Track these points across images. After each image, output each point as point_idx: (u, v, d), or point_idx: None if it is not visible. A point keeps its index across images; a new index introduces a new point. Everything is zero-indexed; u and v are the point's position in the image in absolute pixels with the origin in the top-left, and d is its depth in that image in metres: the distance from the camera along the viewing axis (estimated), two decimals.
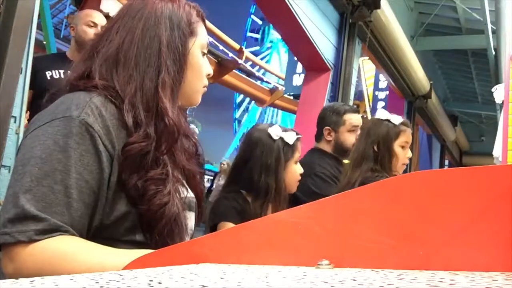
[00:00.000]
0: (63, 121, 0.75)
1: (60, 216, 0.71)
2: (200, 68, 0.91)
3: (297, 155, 1.68)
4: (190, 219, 0.92)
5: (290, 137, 1.65)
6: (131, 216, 0.78)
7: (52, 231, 0.70)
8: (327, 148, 2.20)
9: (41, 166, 0.72)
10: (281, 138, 1.64)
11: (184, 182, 0.90)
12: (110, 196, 0.77)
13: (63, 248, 0.70)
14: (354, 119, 2.21)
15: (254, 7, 22.64)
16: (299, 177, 1.70)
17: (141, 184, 0.78)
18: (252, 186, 1.60)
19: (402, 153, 1.89)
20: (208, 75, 0.94)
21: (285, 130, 1.68)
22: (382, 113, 1.95)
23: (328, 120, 2.22)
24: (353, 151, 1.97)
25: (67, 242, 0.71)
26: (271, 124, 1.70)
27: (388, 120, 1.89)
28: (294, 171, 1.68)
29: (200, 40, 0.91)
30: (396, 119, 1.91)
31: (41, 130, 0.75)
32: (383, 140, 1.85)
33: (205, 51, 0.93)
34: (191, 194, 0.92)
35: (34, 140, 0.75)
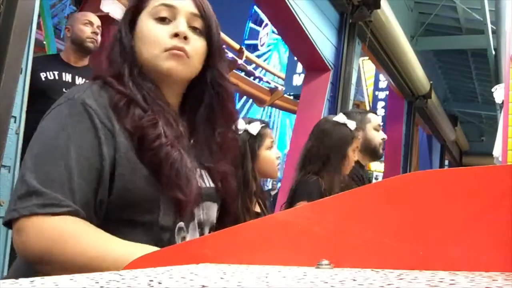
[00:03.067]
0: (65, 104, 0.81)
1: (61, 190, 0.74)
2: (149, 35, 0.87)
3: (268, 141, 1.69)
4: (212, 209, 0.94)
5: (253, 128, 1.66)
6: (134, 194, 0.80)
7: (53, 205, 0.73)
8: None
9: (45, 146, 0.77)
10: (246, 131, 1.66)
11: (207, 174, 0.93)
12: (111, 172, 0.79)
13: (70, 228, 0.73)
14: (377, 118, 2.31)
15: (248, 31, 23.14)
16: (277, 161, 1.71)
17: (138, 132, 0.81)
18: None
19: (353, 157, 1.96)
20: (175, 34, 0.86)
21: (249, 122, 1.69)
22: (339, 117, 2.00)
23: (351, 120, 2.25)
24: (302, 151, 2.02)
25: (74, 223, 0.74)
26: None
27: (345, 125, 1.95)
28: (268, 157, 1.69)
29: (150, 7, 0.89)
30: (352, 124, 1.97)
31: (48, 115, 0.82)
32: (339, 144, 1.90)
33: (162, 15, 0.88)
34: (211, 185, 0.93)
35: (41, 126, 0.81)
